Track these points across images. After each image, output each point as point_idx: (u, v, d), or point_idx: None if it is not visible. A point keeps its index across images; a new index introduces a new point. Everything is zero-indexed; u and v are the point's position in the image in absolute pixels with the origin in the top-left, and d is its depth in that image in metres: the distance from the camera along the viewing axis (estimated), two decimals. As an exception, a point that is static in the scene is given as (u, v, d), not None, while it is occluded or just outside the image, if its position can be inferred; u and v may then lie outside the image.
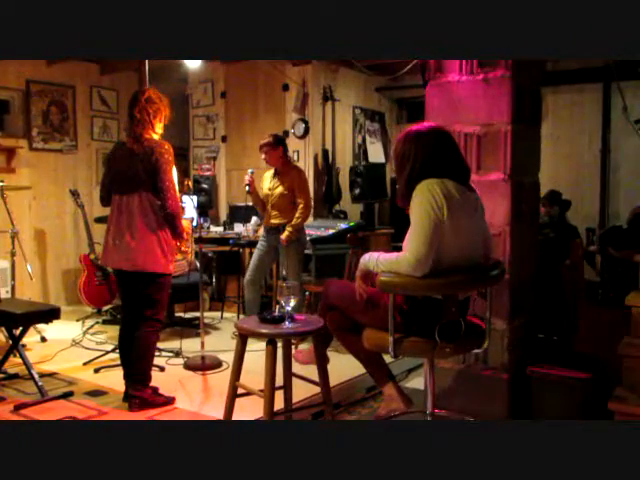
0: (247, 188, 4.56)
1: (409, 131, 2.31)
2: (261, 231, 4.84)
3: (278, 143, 4.53)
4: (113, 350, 4.13)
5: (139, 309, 3.26)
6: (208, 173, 6.46)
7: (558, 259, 3.75)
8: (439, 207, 2.08)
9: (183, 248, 3.54)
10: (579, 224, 5.31)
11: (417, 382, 3.81)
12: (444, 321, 2.14)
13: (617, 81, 5.61)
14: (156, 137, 3.31)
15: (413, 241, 2.09)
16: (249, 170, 4.65)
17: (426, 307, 2.16)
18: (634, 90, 5.50)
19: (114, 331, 4.33)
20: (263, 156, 4.59)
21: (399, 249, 2.18)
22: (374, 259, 2.20)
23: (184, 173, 6.05)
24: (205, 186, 6.23)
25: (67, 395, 3.54)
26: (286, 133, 5.90)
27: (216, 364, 4.02)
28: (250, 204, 5.18)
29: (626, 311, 2.87)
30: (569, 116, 5.94)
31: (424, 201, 2.09)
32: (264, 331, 2.34)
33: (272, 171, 4.66)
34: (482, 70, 2.81)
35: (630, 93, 5.53)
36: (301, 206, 4.48)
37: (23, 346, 3.88)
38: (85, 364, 4.14)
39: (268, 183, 4.65)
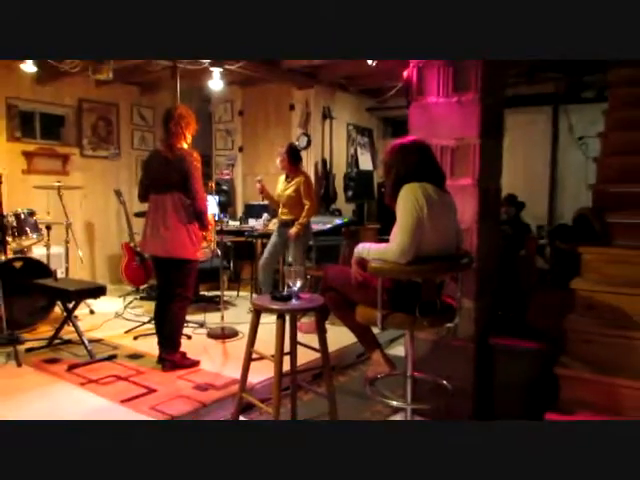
0: (260, 193, 4.62)
1: (395, 144, 2.30)
2: (272, 225, 4.81)
3: (286, 152, 4.51)
4: (149, 321, 4.12)
5: (171, 288, 3.25)
6: (227, 177, 6.43)
7: (515, 251, 3.73)
8: (420, 207, 2.06)
9: (208, 237, 3.53)
10: (531, 222, 5.29)
11: (399, 350, 3.80)
12: (423, 300, 2.13)
13: (564, 104, 5.60)
14: (186, 146, 3.29)
15: (398, 234, 2.07)
16: (257, 178, 4.65)
17: (408, 288, 2.14)
18: (578, 112, 5.49)
19: (150, 306, 4.32)
20: (279, 163, 4.56)
21: (385, 241, 2.16)
22: (366, 248, 2.19)
23: (208, 177, 6.02)
24: (225, 188, 6.21)
25: (111, 357, 3.54)
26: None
27: (234, 334, 4.01)
28: (262, 203, 5.16)
29: (570, 293, 2.87)
30: (524, 133, 5.91)
31: (408, 201, 2.07)
32: (275, 307, 2.31)
33: (285, 175, 4.64)
34: (456, 93, 2.78)
35: (574, 115, 5.53)
36: (307, 207, 4.45)
37: (75, 317, 3.86)
38: (126, 332, 4.13)
39: (281, 185, 4.63)
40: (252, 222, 5.70)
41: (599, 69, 4.42)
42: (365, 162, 6.67)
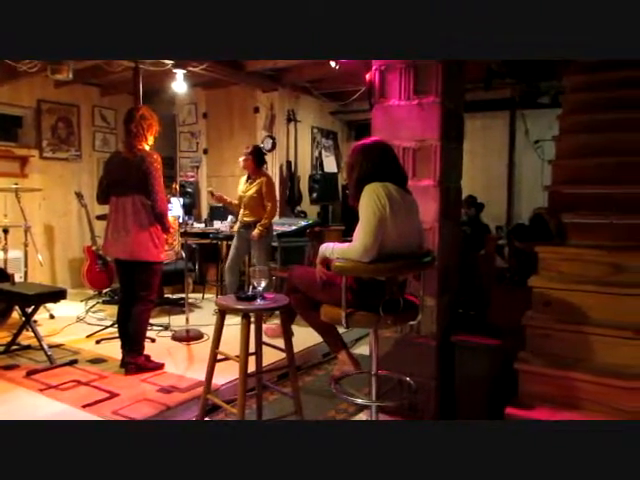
0: (213, 201, 4.67)
1: (358, 144, 2.30)
2: (236, 227, 4.76)
3: (250, 153, 4.48)
4: (112, 325, 4.00)
5: (135, 291, 3.17)
6: (192, 179, 6.33)
7: (475, 250, 3.79)
8: (383, 206, 2.06)
9: (170, 240, 3.46)
10: (490, 223, 5.41)
11: (364, 349, 3.82)
12: (386, 298, 2.13)
13: (520, 109, 5.75)
14: (147, 148, 3.22)
15: (361, 233, 2.07)
16: (208, 189, 4.67)
17: (372, 287, 2.14)
18: (534, 117, 5.64)
19: (112, 309, 4.20)
20: (241, 163, 4.52)
21: (349, 242, 2.16)
22: (330, 248, 2.18)
23: (172, 179, 5.92)
24: (189, 190, 6.09)
25: (72, 362, 3.42)
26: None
27: (199, 336, 3.94)
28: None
29: (528, 291, 2.93)
30: (483, 137, 6.04)
31: (370, 201, 2.07)
32: (239, 307, 2.28)
33: (246, 176, 4.60)
34: (417, 96, 2.81)
35: (531, 119, 5.68)
36: (269, 208, 4.43)
37: (34, 322, 3.72)
38: (88, 337, 4.01)
39: (242, 186, 4.58)
40: (217, 224, 5.63)
41: (554, 76, 4.55)
42: (330, 164, 6.69)
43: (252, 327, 2.42)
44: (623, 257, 2.81)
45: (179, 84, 5.02)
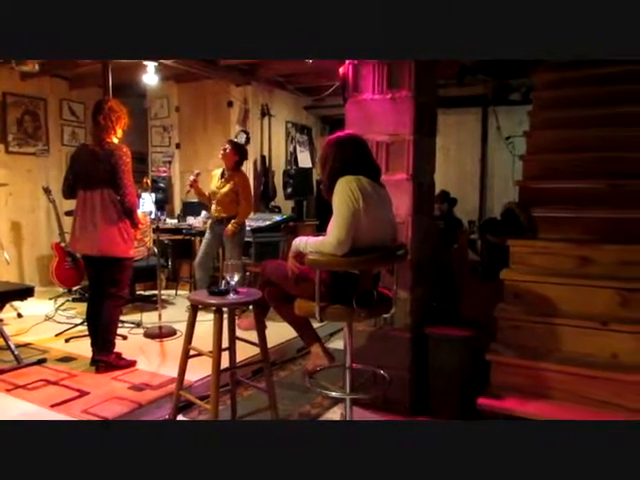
0: (188, 186, 4.49)
1: (332, 137, 2.31)
2: (208, 222, 4.72)
3: (236, 149, 4.43)
4: (82, 323, 3.92)
5: (104, 287, 3.12)
6: (164, 174, 6.25)
7: (448, 244, 3.84)
8: (356, 199, 2.07)
9: (139, 236, 3.41)
10: (463, 217, 5.47)
11: (338, 343, 3.82)
12: (360, 291, 2.14)
13: (492, 106, 5.84)
14: (116, 141, 3.16)
15: (335, 227, 2.07)
16: (195, 171, 4.52)
17: (345, 280, 2.15)
18: (505, 113, 5.72)
19: (82, 307, 4.11)
20: (222, 152, 4.44)
21: (323, 236, 2.17)
22: (303, 242, 2.18)
23: (143, 174, 5.82)
24: (162, 185, 6.03)
25: (41, 361, 3.34)
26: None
27: (172, 332, 3.89)
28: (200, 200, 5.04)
29: (499, 283, 2.98)
30: (456, 132, 6.11)
31: (343, 194, 2.08)
32: (212, 301, 2.26)
33: (220, 172, 4.54)
34: (390, 90, 2.82)
35: (502, 116, 5.76)
36: (243, 207, 4.40)
37: (1, 321, 3.62)
38: (57, 335, 3.92)
39: (216, 182, 4.53)
40: (190, 220, 5.57)
41: (525, 73, 4.63)
42: (304, 159, 6.68)
43: (225, 322, 2.41)
44: (591, 250, 2.89)
45: (150, 77, 4.93)
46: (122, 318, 4.19)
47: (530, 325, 2.82)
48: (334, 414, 2.81)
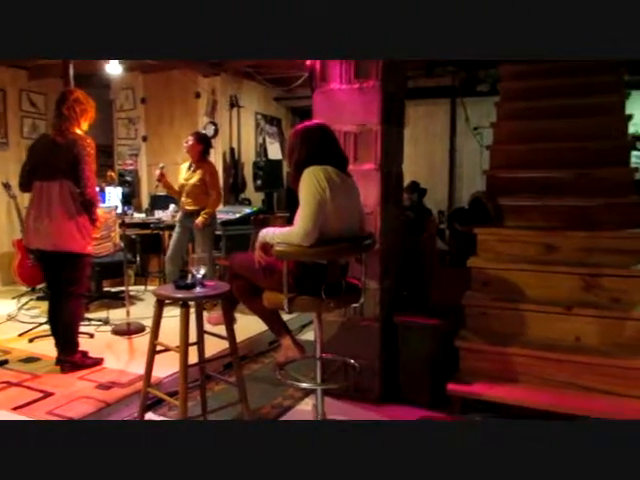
0: (157, 182, 4.43)
1: (298, 127, 2.29)
2: (178, 216, 4.65)
3: (200, 140, 4.37)
4: (46, 322, 3.82)
5: (63, 286, 3.01)
6: (131, 167, 6.14)
7: (417, 234, 3.87)
8: (323, 189, 2.06)
9: (97, 233, 3.31)
10: (433, 207, 5.53)
11: (310, 335, 3.83)
12: (328, 282, 2.14)
13: (461, 97, 5.89)
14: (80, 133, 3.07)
15: (302, 217, 2.06)
16: (160, 165, 4.45)
17: (313, 271, 2.14)
18: (473, 104, 5.78)
19: (46, 306, 3.99)
20: (186, 144, 4.39)
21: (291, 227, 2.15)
22: (270, 233, 2.17)
23: (109, 167, 5.69)
24: (128, 179, 5.90)
25: (2, 363, 3.24)
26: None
27: (140, 329, 3.83)
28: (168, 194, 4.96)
29: (468, 271, 3.03)
30: (425, 123, 6.16)
31: (310, 184, 2.07)
32: (178, 295, 2.23)
33: (188, 164, 4.48)
34: (358, 80, 2.82)
35: (470, 107, 5.82)
36: (213, 198, 4.35)
37: (-41, 321, 3.50)
38: (20, 335, 3.81)
39: (184, 174, 4.47)
40: (158, 214, 5.48)
41: (492, 65, 4.68)
42: (274, 151, 6.63)
43: (193, 317, 2.38)
44: (555, 237, 2.95)
45: (114, 67, 4.83)
46: (88, 316, 4.12)
47: (497, 311, 2.87)
48: (306, 405, 2.82)
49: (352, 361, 2.55)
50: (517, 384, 2.69)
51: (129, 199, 5.76)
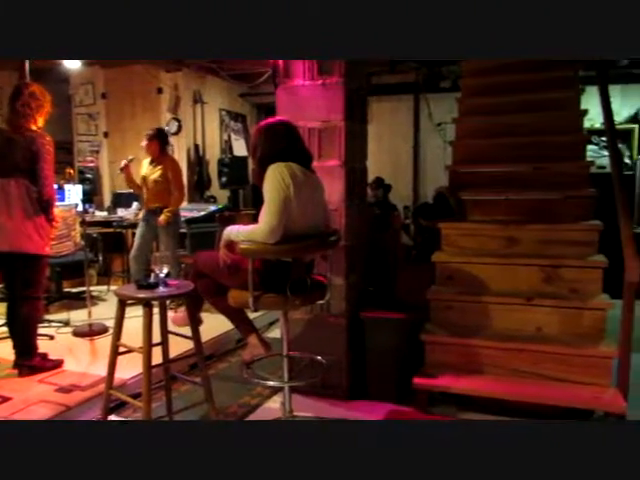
0: (119, 170, 4.30)
1: (262, 124, 2.27)
2: (141, 214, 4.55)
3: (155, 136, 4.27)
4: (4, 325, 3.68)
5: (19, 288, 2.90)
6: (92, 164, 5.97)
7: (383, 229, 3.88)
8: (287, 186, 2.04)
9: (53, 233, 3.19)
10: (398, 203, 5.58)
11: (277, 332, 3.81)
12: (294, 279, 2.12)
13: (424, 93, 5.95)
14: (36, 129, 2.95)
15: (266, 214, 2.04)
16: (129, 157, 4.34)
17: (279, 268, 2.12)
18: (436, 100, 5.85)
19: (4, 307, 3.86)
20: (143, 143, 4.29)
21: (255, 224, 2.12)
22: (235, 230, 2.13)
23: (68, 165, 5.52)
24: (89, 176, 5.74)
25: (-44, 368, 3.09)
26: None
27: (103, 330, 3.72)
28: (131, 191, 4.84)
29: (432, 266, 3.06)
30: (389, 119, 6.20)
31: (274, 181, 2.05)
32: (140, 295, 2.17)
33: (150, 158, 4.38)
34: (321, 76, 2.80)
35: (433, 103, 5.89)
36: (176, 194, 4.26)
37: None
38: (-25, 339, 3.65)
39: (145, 169, 4.36)
40: (121, 212, 5.34)
41: (454, 61, 4.73)
42: (239, 148, 6.56)
43: (157, 317, 2.32)
44: (516, 231, 3.01)
45: (72, 61, 4.67)
46: (49, 317, 3.99)
47: (461, 305, 2.91)
48: (274, 403, 2.80)
49: (319, 358, 2.55)
50: (482, 375, 2.73)
51: (90, 197, 5.60)
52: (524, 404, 2.55)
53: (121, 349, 2.33)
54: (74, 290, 4.85)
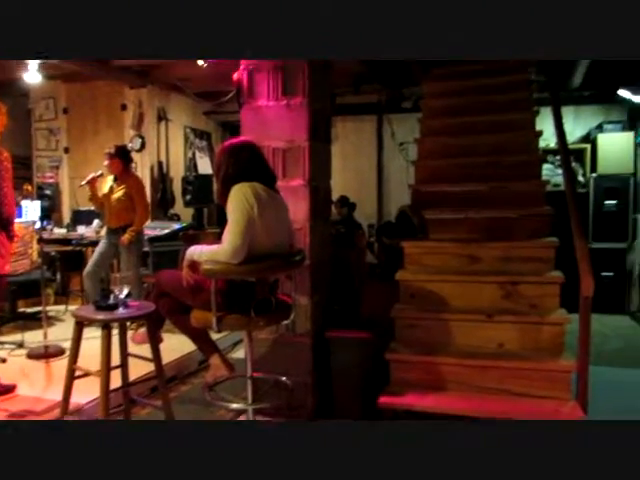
0: (85, 183, 4.12)
1: (225, 144, 2.26)
2: (103, 231, 4.42)
3: (117, 154, 4.16)
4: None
5: None
6: (51, 180, 5.79)
7: (347, 248, 3.89)
8: (251, 206, 2.03)
9: (14, 249, 3.07)
10: (363, 221, 5.61)
11: (241, 353, 3.73)
12: (258, 299, 2.10)
13: (387, 114, 6.05)
14: (-9, 144, 2.84)
15: (230, 234, 2.01)
16: (98, 172, 4.19)
17: (242, 288, 2.09)
18: (398, 121, 5.95)
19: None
20: (106, 162, 4.18)
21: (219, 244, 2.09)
22: (198, 250, 2.09)
23: (26, 180, 5.34)
24: (48, 192, 5.57)
25: None
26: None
27: (59, 352, 3.57)
28: (92, 208, 4.71)
29: (396, 284, 3.07)
30: (354, 139, 6.26)
31: (238, 201, 2.03)
32: (99, 317, 2.10)
33: (113, 176, 4.26)
34: (285, 97, 2.80)
35: (396, 123, 5.99)
36: (140, 213, 4.15)
37: None
38: None
39: (107, 187, 4.24)
40: (81, 229, 5.18)
41: (415, 82, 4.84)
42: (204, 166, 6.49)
43: (116, 338, 2.24)
44: (477, 249, 3.07)
45: (32, 75, 4.54)
46: (1, 339, 3.82)
47: (425, 322, 2.93)
48: (238, 425, 2.73)
49: (284, 379, 2.50)
50: (446, 392, 2.74)
51: (48, 213, 5.43)
52: (489, 420, 2.57)
53: (78, 372, 2.24)
54: (29, 310, 4.66)
